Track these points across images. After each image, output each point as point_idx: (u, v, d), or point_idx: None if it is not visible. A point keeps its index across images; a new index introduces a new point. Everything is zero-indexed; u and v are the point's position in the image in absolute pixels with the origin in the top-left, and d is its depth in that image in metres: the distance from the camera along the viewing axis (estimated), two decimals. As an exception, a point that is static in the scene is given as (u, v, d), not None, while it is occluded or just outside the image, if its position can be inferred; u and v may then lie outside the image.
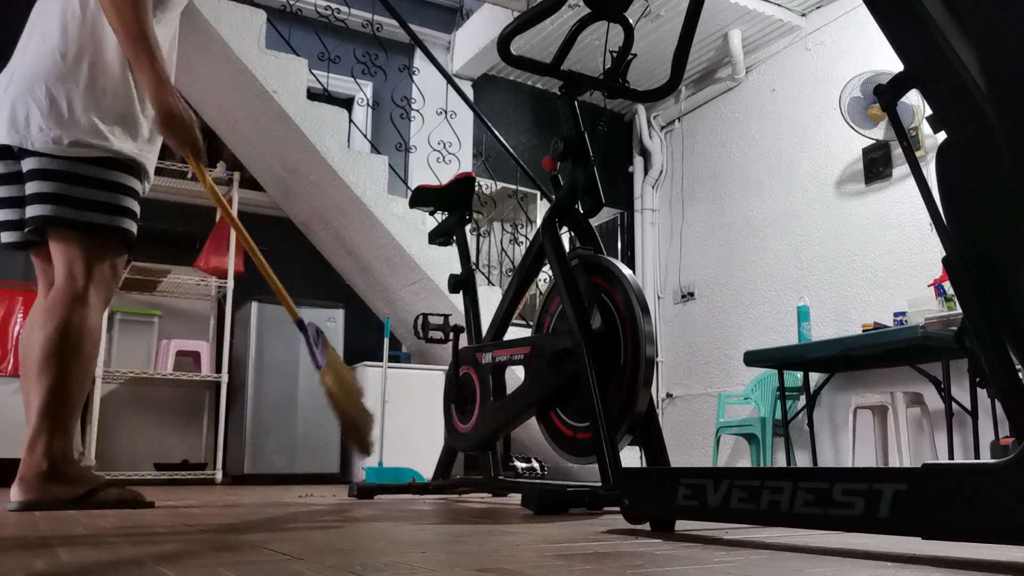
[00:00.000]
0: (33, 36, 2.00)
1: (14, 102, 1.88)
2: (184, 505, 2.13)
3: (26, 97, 1.87)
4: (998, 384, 0.96)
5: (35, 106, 1.85)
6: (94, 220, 1.87)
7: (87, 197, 1.86)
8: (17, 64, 1.96)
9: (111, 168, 1.91)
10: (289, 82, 4.13)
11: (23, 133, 1.85)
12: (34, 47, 1.95)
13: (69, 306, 1.83)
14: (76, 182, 1.85)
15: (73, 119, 1.86)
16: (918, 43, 1.03)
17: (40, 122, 1.84)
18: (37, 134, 1.84)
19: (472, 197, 2.72)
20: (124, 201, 1.92)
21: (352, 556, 1.00)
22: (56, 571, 0.86)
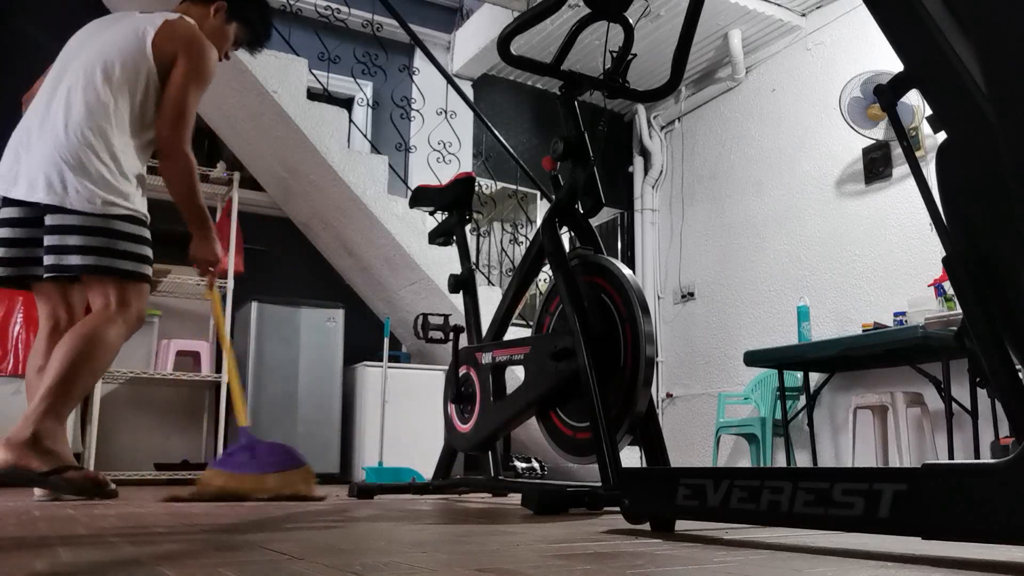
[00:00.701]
0: (56, 103, 2.25)
1: (47, 167, 2.16)
2: (184, 505, 2.13)
3: (60, 164, 2.16)
4: (998, 384, 0.96)
5: (68, 172, 2.15)
6: (124, 267, 2.21)
7: (120, 248, 2.20)
8: (41, 126, 2.23)
9: (133, 223, 2.26)
10: (289, 82, 4.13)
11: (61, 195, 2.14)
12: (60, 116, 2.22)
13: (99, 323, 2.15)
14: (110, 236, 2.19)
15: (104, 183, 2.18)
16: (918, 43, 1.03)
17: (76, 185, 2.15)
18: (75, 196, 2.14)
19: (472, 197, 2.72)
20: (144, 250, 2.28)
21: (352, 556, 1.00)
22: (56, 571, 0.86)
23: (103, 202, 2.17)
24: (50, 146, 2.18)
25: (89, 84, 2.24)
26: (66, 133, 2.18)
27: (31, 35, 4.66)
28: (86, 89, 2.24)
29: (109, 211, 2.19)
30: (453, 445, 2.54)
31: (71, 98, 2.23)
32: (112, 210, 2.19)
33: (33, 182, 2.16)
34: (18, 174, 2.19)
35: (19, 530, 1.37)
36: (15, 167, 2.21)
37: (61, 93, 2.26)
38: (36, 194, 2.15)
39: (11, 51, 4.60)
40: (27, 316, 3.80)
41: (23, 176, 2.18)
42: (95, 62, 2.29)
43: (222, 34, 2.54)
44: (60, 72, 2.34)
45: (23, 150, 2.22)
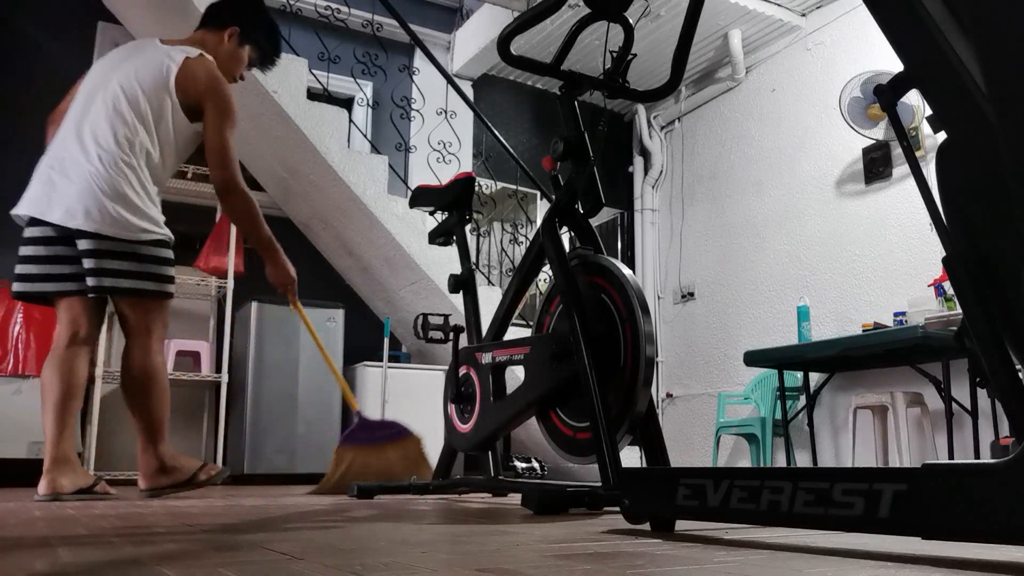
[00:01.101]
0: (87, 132, 2.41)
1: (85, 197, 2.34)
2: (184, 505, 2.13)
3: (97, 193, 2.34)
4: (998, 384, 0.96)
5: (106, 200, 2.34)
6: (153, 288, 2.47)
7: (149, 271, 2.44)
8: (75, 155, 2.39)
9: (160, 247, 2.49)
10: (289, 82, 4.13)
11: (99, 223, 2.34)
12: (93, 146, 2.39)
13: (145, 361, 2.48)
14: (141, 260, 2.42)
15: (137, 211, 2.40)
16: (918, 43, 1.03)
17: (112, 214, 2.35)
18: (112, 224, 2.35)
19: (472, 197, 2.72)
20: (168, 271, 2.52)
21: (352, 556, 1.00)
22: (56, 571, 0.86)
23: (138, 229, 2.41)
24: (86, 175, 2.36)
25: (117, 115, 2.41)
26: (101, 163, 2.37)
27: (31, 35, 4.66)
28: (114, 120, 2.41)
29: (141, 237, 2.42)
30: (453, 445, 2.54)
31: (101, 128, 2.40)
32: (144, 236, 2.43)
33: (71, 210, 2.34)
34: (52, 199, 2.36)
35: (19, 530, 1.37)
36: (49, 192, 2.38)
37: (90, 122, 2.42)
38: (74, 221, 2.34)
39: (11, 51, 4.60)
40: (27, 316, 3.80)
41: (58, 202, 2.36)
42: (121, 93, 2.44)
43: (236, 57, 2.68)
44: (87, 100, 2.48)
45: (57, 176, 2.39)
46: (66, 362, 2.40)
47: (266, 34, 2.73)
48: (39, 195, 2.39)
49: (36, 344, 3.78)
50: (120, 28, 4.79)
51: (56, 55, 4.72)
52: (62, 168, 2.39)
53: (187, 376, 4.28)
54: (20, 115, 4.57)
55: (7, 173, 4.48)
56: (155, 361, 2.51)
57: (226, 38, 2.65)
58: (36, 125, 4.61)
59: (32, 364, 3.75)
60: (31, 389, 3.74)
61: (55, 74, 4.71)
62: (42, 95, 4.66)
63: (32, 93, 4.62)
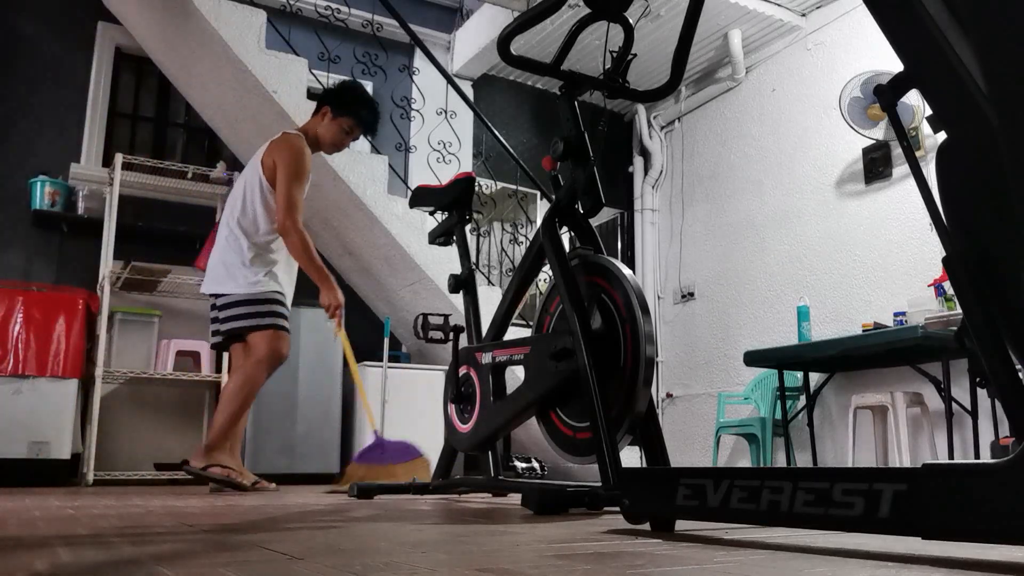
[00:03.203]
0: (226, 218, 3.16)
1: (213, 269, 3.10)
2: (184, 505, 2.13)
3: (218, 265, 3.08)
4: (998, 384, 0.96)
5: (223, 269, 3.06)
6: (264, 323, 3.03)
7: (259, 311, 3.03)
8: (219, 236, 3.16)
9: (271, 293, 3.07)
10: (289, 82, 4.13)
11: (220, 286, 3.06)
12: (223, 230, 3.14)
13: (252, 371, 2.99)
14: (251, 304, 3.03)
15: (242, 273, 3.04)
16: (918, 43, 1.03)
17: (224, 278, 3.06)
18: (224, 285, 3.05)
19: (472, 197, 2.72)
20: (278, 309, 3.08)
21: (352, 556, 1.00)
22: (56, 571, 0.87)
23: (249, 284, 3.03)
24: (218, 253, 3.11)
25: (235, 204, 3.12)
26: (224, 245, 3.10)
27: (31, 35, 4.66)
28: (234, 208, 3.11)
29: (247, 291, 3.03)
30: (453, 445, 2.54)
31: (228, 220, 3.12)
32: (254, 290, 3.04)
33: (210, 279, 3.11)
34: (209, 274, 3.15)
35: (19, 530, 1.37)
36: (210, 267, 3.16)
37: (226, 216, 3.15)
38: (211, 288, 3.10)
39: (11, 51, 4.60)
40: (27, 316, 3.80)
41: (210, 274, 3.13)
42: (237, 191, 3.16)
43: (334, 131, 3.26)
44: (232, 195, 3.23)
45: (212, 256, 3.17)
46: None
47: (356, 104, 3.26)
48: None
49: (36, 344, 3.77)
50: (120, 28, 4.79)
51: (56, 55, 4.72)
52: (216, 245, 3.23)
53: (187, 376, 4.28)
54: (20, 115, 4.57)
55: (7, 173, 4.49)
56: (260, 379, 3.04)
57: (322, 117, 3.25)
58: (36, 125, 4.63)
59: (32, 364, 3.75)
60: (31, 389, 3.74)
61: (55, 74, 4.71)
62: (42, 95, 4.67)
63: (32, 93, 4.62)
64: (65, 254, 4.54)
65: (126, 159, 4.28)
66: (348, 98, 3.27)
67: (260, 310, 3.03)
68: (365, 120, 3.30)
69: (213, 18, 3.94)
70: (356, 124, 3.29)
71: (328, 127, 3.25)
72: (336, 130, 3.26)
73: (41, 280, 4.37)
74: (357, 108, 3.27)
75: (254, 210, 3.08)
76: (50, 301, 3.89)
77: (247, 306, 3.02)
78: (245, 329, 3.04)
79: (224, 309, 3.06)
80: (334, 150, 3.37)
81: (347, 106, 3.25)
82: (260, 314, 3.03)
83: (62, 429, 3.75)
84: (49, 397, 3.75)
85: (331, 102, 3.25)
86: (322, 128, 3.25)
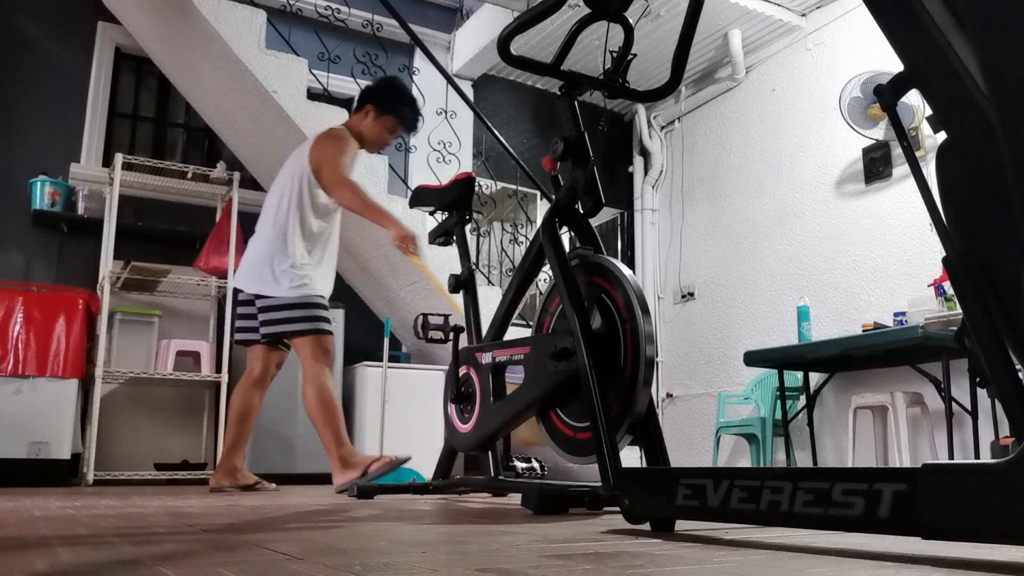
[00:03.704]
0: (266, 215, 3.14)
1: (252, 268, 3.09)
2: (184, 505, 2.13)
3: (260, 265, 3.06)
4: (998, 384, 0.96)
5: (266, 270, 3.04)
6: (306, 328, 3.03)
7: (301, 315, 3.03)
8: (257, 234, 3.15)
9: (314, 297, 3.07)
10: (289, 82, 4.13)
11: (261, 287, 3.05)
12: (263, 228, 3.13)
13: (314, 382, 2.99)
14: (293, 308, 3.03)
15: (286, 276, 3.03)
16: (918, 43, 1.03)
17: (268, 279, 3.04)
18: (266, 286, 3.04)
19: (472, 197, 2.72)
20: (319, 312, 3.07)
21: (352, 556, 1.00)
22: (56, 571, 0.87)
23: (289, 288, 3.02)
24: (256, 252, 3.10)
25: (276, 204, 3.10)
26: (264, 244, 3.07)
27: (31, 35, 4.66)
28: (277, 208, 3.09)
29: (289, 295, 3.02)
30: (453, 445, 2.54)
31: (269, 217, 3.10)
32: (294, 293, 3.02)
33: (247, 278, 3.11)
34: (243, 272, 3.14)
35: (19, 530, 1.37)
36: (244, 265, 3.16)
37: (267, 213, 3.13)
38: (249, 288, 3.10)
39: (11, 51, 4.60)
40: (27, 316, 3.80)
41: (246, 273, 3.12)
42: (280, 188, 3.13)
43: (377, 129, 3.22)
44: (272, 192, 3.18)
45: (247, 254, 3.17)
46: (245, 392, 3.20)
47: (399, 102, 3.23)
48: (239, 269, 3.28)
49: (36, 344, 3.77)
50: (120, 28, 4.80)
51: (56, 55, 4.72)
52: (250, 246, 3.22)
53: (187, 376, 4.28)
54: (20, 115, 4.57)
55: (7, 173, 4.49)
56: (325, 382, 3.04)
57: (364, 115, 3.21)
58: (36, 125, 4.63)
59: (32, 364, 3.75)
60: (31, 389, 3.74)
61: (55, 74, 4.71)
62: (42, 95, 4.67)
63: (32, 93, 4.62)
64: (65, 254, 4.54)
65: (126, 159, 4.28)
66: (391, 96, 3.24)
67: (303, 314, 3.03)
68: (407, 119, 3.27)
69: (213, 18, 3.94)
70: (399, 123, 3.26)
71: (371, 126, 3.22)
72: (380, 128, 3.23)
73: (41, 280, 4.37)
74: (400, 106, 3.23)
75: (300, 207, 3.07)
76: (50, 301, 3.89)
77: (290, 310, 3.03)
78: (288, 333, 3.05)
79: (266, 311, 3.06)
80: (376, 148, 3.35)
81: (390, 104, 3.21)
82: (303, 318, 3.03)
83: (62, 429, 3.75)
84: (49, 397, 3.75)
85: (374, 100, 3.22)
86: (365, 126, 3.22)
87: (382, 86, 3.32)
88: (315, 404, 2.97)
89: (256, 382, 3.18)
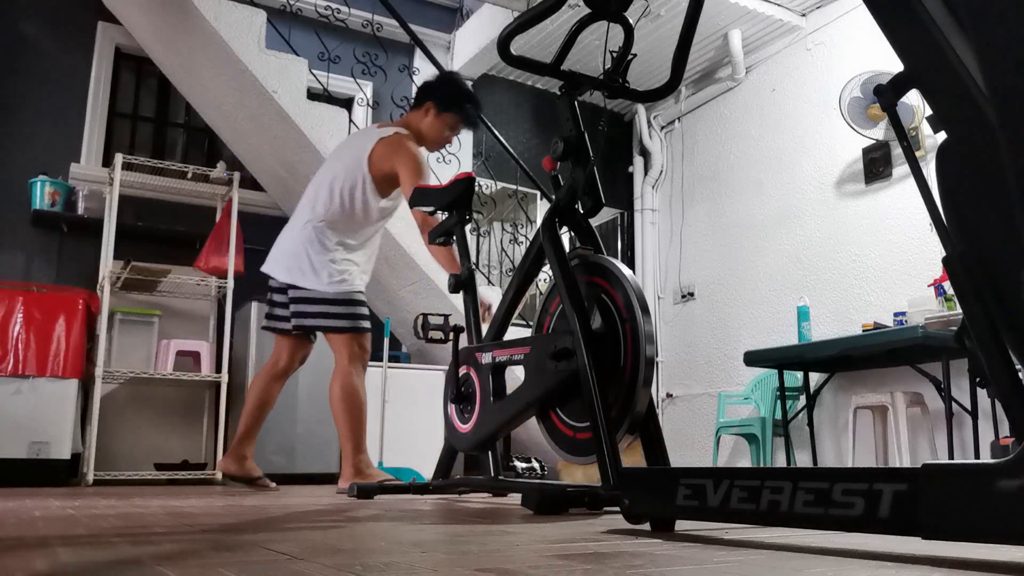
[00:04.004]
0: (306, 204, 3.06)
1: (288, 257, 3.01)
2: (184, 505, 2.13)
3: (298, 254, 2.99)
4: (998, 384, 0.96)
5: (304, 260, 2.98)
6: (345, 325, 2.98)
7: (340, 312, 2.98)
8: (297, 222, 3.07)
9: (354, 293, 3.02)
10: (289, 82, 4.13)
11: (297, 276, 2.98)
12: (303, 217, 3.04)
13: (345, 382, 2.94)
14: (332, 303, 2.97)
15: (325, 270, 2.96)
16: (918, 43, 1.03)
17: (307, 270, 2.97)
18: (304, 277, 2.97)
19: (472, 197, 2.72)
20: (359, 310, 3.02)
21: (352, 556, 1.00)
22: (56, 571, 0.87)
23: (328, 283, 2.96)
24: (294, 241, 3.02)
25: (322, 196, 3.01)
26: (304, 233, 2.99)
27: (31, 35, 4.66)
28: (325, 200, 3.00)
29: (328, 290, 2.96)
30: (453, 445, 2.54)
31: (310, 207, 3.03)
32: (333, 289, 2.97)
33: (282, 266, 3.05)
34: (277, 259, 3.08)
35: (19, 530, 1.37)
36: (278, 252, 3.08)
37: (307, 202, 3.06)
38: (283, 276, 3.03)
39: (11, 51, 4.60)
40: (27, 316, 3.80)
41: (280, 260, 3.05)
42: (328, 181, 3.03)
43: (437, 127, 3.14)
44: (314, 182, 3.11)
45: (282, 241, 3.09)
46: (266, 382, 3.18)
47: (461, 100, 3.15)
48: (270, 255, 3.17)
49: (36, 344, 3.77)
50: (120, 28, 4.80)
51: (56, 55, 4.72)
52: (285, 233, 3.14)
53: (187, 376, 4.28)
54: (20, 115, 4.57)
55: (7, 173, 4.48)
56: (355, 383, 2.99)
57: (424, 112, 3.13)
58: (36, 125, 4.63)
59: (32, 364, 3.75)
60: (31, 389, 3.74)
61: (55, 74, 4.71)
62: (42, 95, 4.67)
63: (32, 93, 4.62)
64: (65, 254, 4.54)
65: (126, 159, 4.28)
66: (453, 93, 3.15)
67: (340, 311, 2.98)
68: (470, 115, 3.18)
69: (213, 18, 3.94)
70: (461, 120, 3.17)
71: (432, 124, 3.12)
72: (440, 126, 3.14)
73: (41, 280, 4.37)
74: (462, 103, 3.13)
75: (351, 204, 2.98)
76: (50, 301, 3.89)
77: (327, 305, 2.96)
78: (322, 328, 3.00)
79: (299, 303, 2.99)
80: (436, 147, 3.27)
81: (452, 102, 3.11)
82: (340, 315, 2.98)
83: (62, 429, 3.75)
84: (49, 397, 3.75)
85: (434, 97, 3.12)
86: (425, 125, 3.12)
87: (443, 83, 3.22)
88: (340, 402, 2.93)
89: (279, 374, 3.14)
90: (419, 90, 3.24)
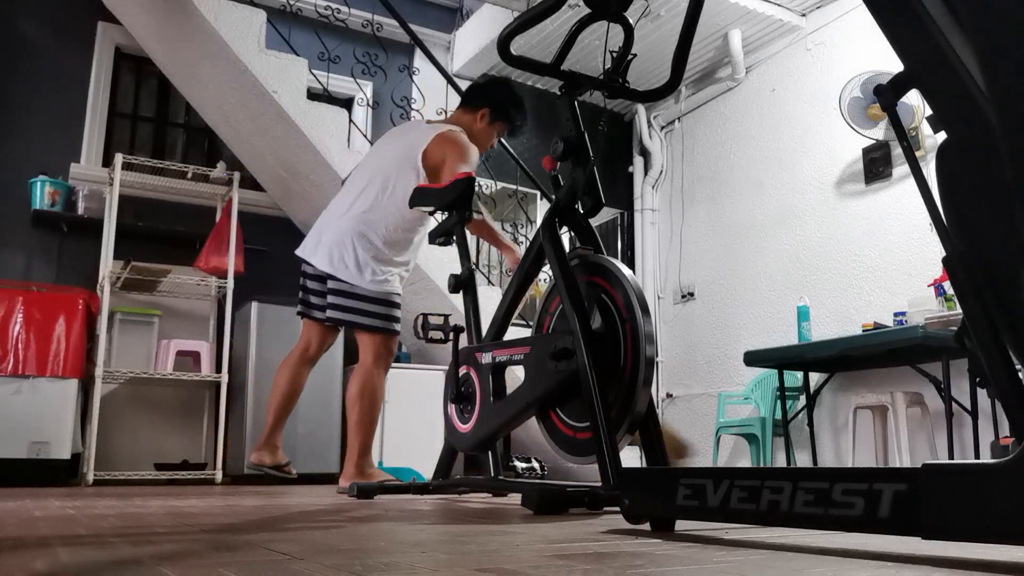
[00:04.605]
0: (351, 194, 3.00)
1: (331, 246, 2.95)
2: (184, 505, 2.13)
3: (343, 245, 2.93)
4: (998, 384, 0.96)
5: (349, 253, 2.93)
6: (378, 326, 2.96)
7: (376, 311, 2.95)
8: (340, 210, 3.00)
9: (392, 295, 3.00)
10: (289, 82, 4.13)
11: (339, 268, 2.93)
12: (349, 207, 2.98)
13: (366, 380, 2.93)
14: (369, 302, 2.94)
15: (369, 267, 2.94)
16: (918, 43, 1.03)
17: (350, 264, 2.93)
18: (347, 270, 2.93)
19: (472, 197, 2.72)
20: (395, 312, 3.00)
21: (352, 556, 1.00)
22: (56, 571, 0.87)
23: (370, 281, 2.94)
24: (339, 231, 2.95)
25: (372, 189, 2.96)
26: (351, 224, 2.94)
27: (31, 35, 4.66)
28: (367, 194, 2.96)
29: (368, 288, 2.94)
30: (453, 445, 2.54)
31: (357, 198, 2.97)
32: (373, 288, 2.95)
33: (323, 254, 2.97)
34: (317, 245, 3.00)
35: (19, 530, 1.37)
36: (318, 239, 3.01)
37: (354, 192, 3.00)
38: (323, 266, 2.96)
39: (11, 51, 4.60)
40: (27, 316, 3.80)
41: (321, 248, 2.98)
42: (379, 173, 2.98)
43: (488, 134, 3.15)
44: (360, 172, 3.07)
45: (324, 228, 3.02)
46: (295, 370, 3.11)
47: (514, 110, 3.14)
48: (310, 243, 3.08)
49: (36, 344, 3.77)
50: (120, 28, 4.80)
51: (56, 55, 4.72)
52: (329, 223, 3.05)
53: (187, 376, 4.28)
54: (20, 115, 4.57)
55: (7, 173, 4.48)
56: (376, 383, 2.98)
57: (479, 118, 3.11)
58: (36, 125, 4.63)
59: (32, 364, 3.75)
60: (31, 389, 3.74)
61: (55, 74, 4.71)
62: (42, 95, 4.67)
63: (32, 93, 4.62)
64: (65, 254, 4.54)
65: (126, 159, 4.28)
66: (510, 104, 3.14)
67: (377, 310, 2.95)
68: (520, 126, 3.20)
69: (213, 18, 3.94)
70: (510, 130, 3.19)
71: (486, 131, 3.13)
72: (491, 133, 3.15)
73: (41, 280, 4.37)
74: (515, 114, 3.14)
75: (402, 198, 2.90)
76: (50, 301, 3.89)
77: (365, 303, 2.93)
78: (355, 325, 2.97)
79: (337, 295, 2.95)
80: (483, 152, 3.21)
81: (508, 113, 3.13)
82: (376, 315, 2.95)
83: (62, 429, 3.75)
84: (49, 397, 3.75)
85: (493, 105, 3.11)
86: (477, 128, 3.11)
87: (500, 91, 3.18)
88: (355, 400, 2.92)
89: (309, 359, 3.12)
90: (474, 92, 3.21)
